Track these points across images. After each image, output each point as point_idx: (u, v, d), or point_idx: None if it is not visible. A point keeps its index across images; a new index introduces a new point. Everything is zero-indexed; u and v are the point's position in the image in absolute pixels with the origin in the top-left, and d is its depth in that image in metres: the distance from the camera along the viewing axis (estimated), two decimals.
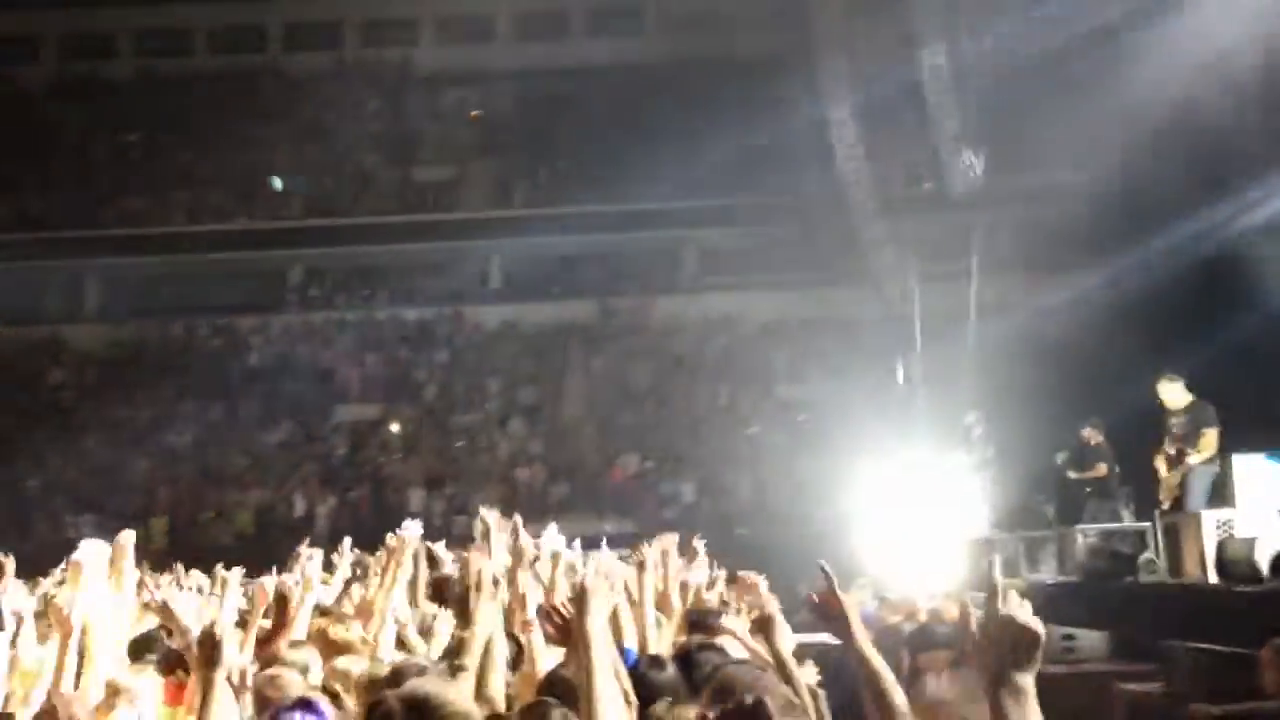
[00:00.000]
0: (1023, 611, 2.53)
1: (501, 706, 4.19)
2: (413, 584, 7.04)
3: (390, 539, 6.65)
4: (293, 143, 36.53)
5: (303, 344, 31.39)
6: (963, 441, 17.79)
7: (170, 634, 4.65)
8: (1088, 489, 14.94)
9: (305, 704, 4.21)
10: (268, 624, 5.24)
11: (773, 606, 4.70)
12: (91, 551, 5.25)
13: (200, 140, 36.31)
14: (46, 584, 8.15)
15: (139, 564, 7.13)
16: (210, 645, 3.69)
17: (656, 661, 4.51)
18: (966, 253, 21.86)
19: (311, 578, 5.72)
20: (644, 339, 31.07)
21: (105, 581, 5.36)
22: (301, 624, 5.36)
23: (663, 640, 5.51)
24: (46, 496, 26.36)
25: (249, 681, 4.25)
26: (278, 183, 35.09)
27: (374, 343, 31.28)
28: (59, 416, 29.13)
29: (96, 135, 36.85)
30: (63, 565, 6.50)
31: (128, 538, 6.37)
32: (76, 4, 40.31)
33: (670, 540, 6.47)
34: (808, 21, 24.60)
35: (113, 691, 4.42)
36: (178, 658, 4.46)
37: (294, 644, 5.11)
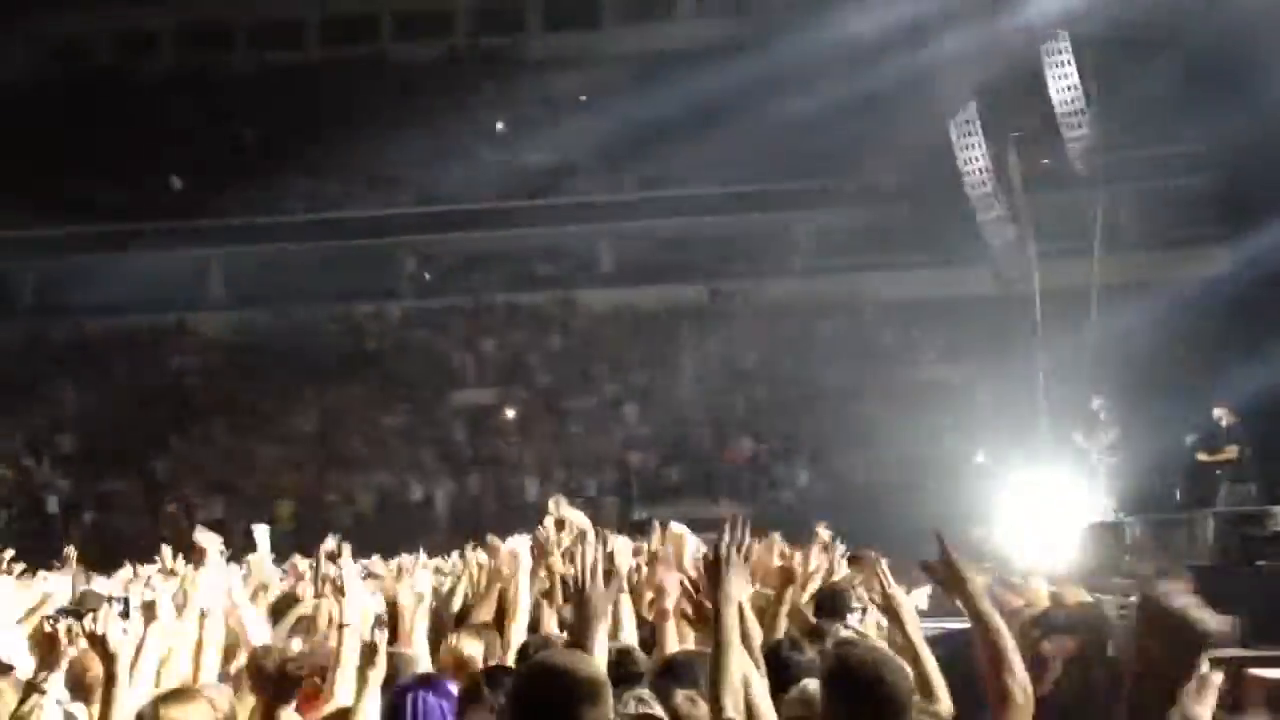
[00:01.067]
0: (1194, 608, 2.42)
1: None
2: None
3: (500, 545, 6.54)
4: (404, 130, 37.03)
5: (418, 330, 31.85)
6: (1087, 424, 17.37)
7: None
8: (1218, 471, 14.53)
9: (426, 681, 4.26)
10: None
11: (897, 590, 4.63)
12: (209, 539, 5.38)
13: (315, 130, 37.03)
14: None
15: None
16: (371, 652, 3.79)
17: (796, 644, 4.50)
18: (1088, 230, 21.29)
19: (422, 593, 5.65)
20: (756, 321, 30.88)
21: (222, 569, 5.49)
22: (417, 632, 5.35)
23: (778, 625, 5.47)
24: (175, 480, 27.16)
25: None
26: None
27: (487, 328, 31.59)
28: (185, 401, 29.99)
29: (215, 126, 37.78)
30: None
31: (263, 532, 6.53)
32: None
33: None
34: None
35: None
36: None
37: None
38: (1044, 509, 17.54)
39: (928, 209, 28.25)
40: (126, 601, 4.35)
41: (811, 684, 3.76)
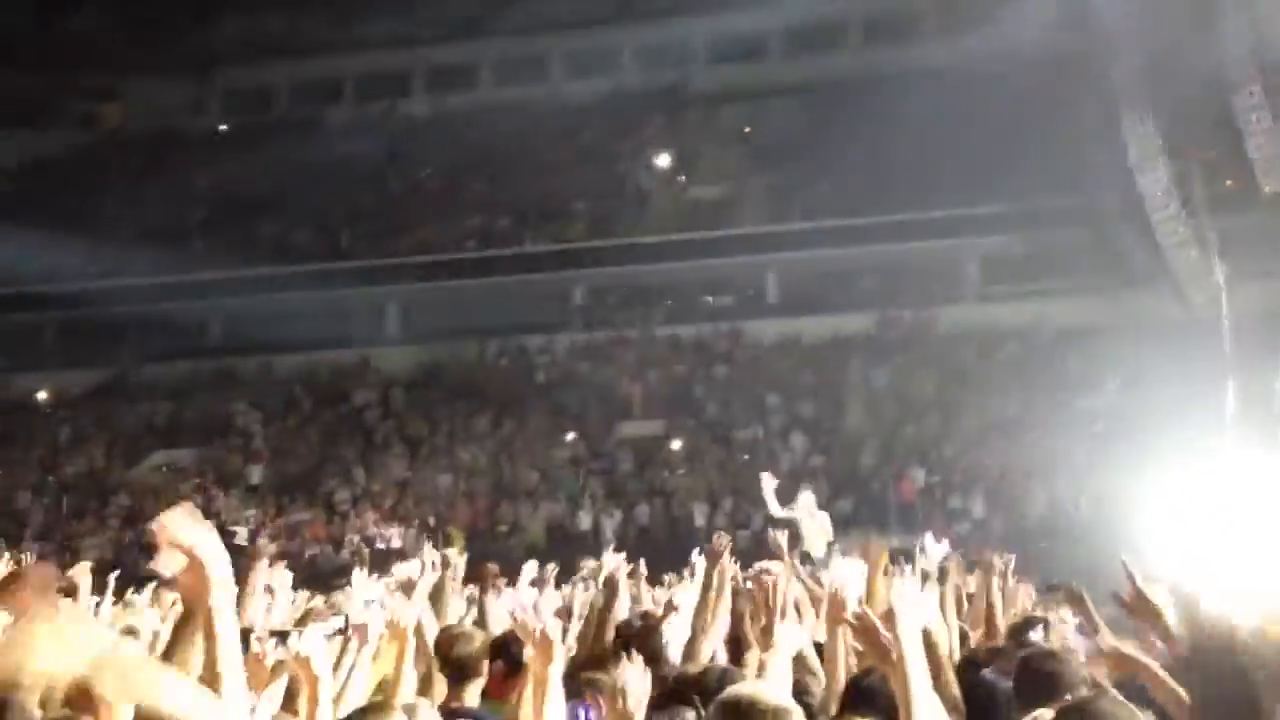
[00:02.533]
0: None
1: None
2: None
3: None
4: (574, 167, 37.70)
5: (586, 362, 32.22)
6: None
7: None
8: None
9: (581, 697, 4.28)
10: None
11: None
12: (411, 569, 5.46)
13: (487, 169, 38.01)
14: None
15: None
16: (548, 645, 3.82)
17: (1004, 670, 4.40)
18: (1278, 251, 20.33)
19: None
20: (926, 350, 30.32)
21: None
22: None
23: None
24: (357, 508, 27.98)
25: None
26: None
27: (655, 360, 31.77)
28: (365, 434, 30.93)
29: (393, 168, 39.11)
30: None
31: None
32: (373, 47, 42.98)
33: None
34: (1098, 18, 23.47)
35: None
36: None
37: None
38: (1239, 540, 16.66)
39: (1107, 231, 27.36)
40: (347, 620, 4.46)
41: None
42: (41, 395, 33.94)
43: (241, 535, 26.74)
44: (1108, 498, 24.45)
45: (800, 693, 3.96)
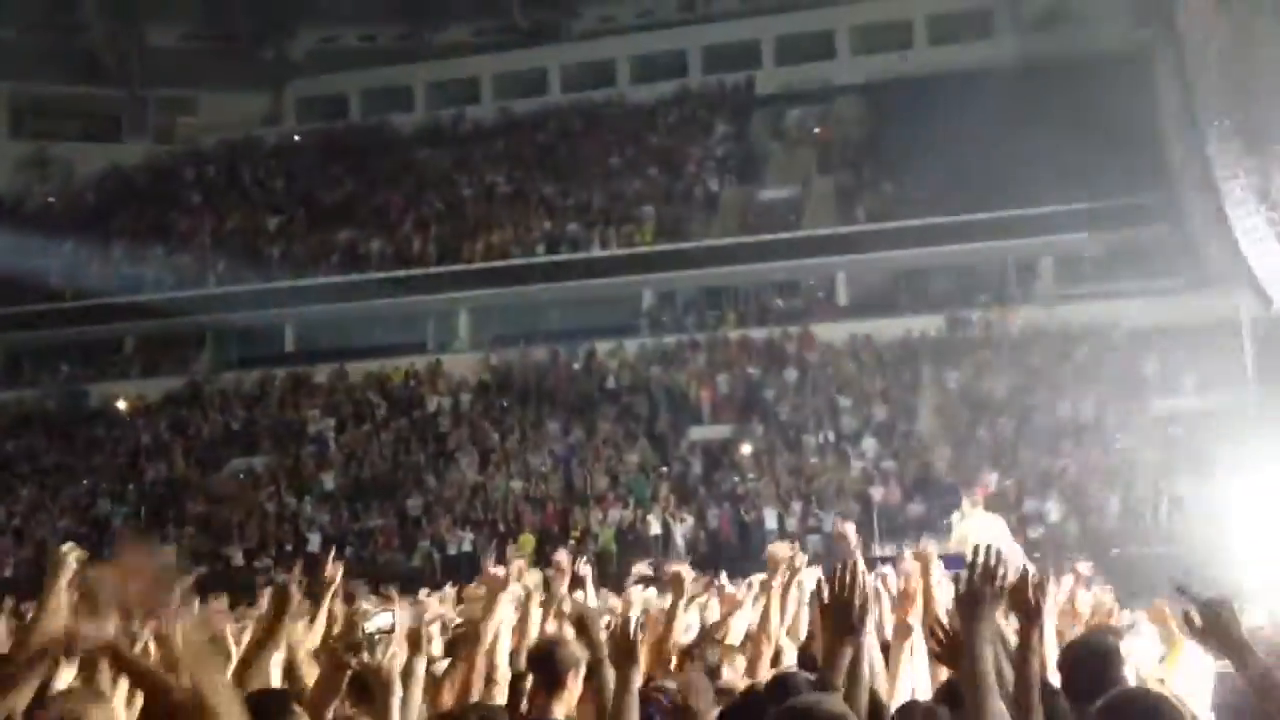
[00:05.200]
0: None
1: None
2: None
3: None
4: (642, 170, 37.75)
5: (656, 366, 32.22)
6: None
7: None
8: None
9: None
10: None
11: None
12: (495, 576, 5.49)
13: (555, 173, 38.20)
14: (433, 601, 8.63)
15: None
16: (628, 644, 3.84)
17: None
18: None
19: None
20: (999, 352, 29.94)
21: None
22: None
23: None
24: (429, 514, 28.22)
25: None
26: None
27: (724, 363, 31.70)
28: (437, 440, 31.18)
29: (463, 175, 39.42)
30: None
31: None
32: (443, 55, 43.39)
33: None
34: (1173, 13, 23.02)
35: None
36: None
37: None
38: None
39: (1183, 229, 26.84)
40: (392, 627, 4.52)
41: None
42: (121, 404, 34.64)
43: (314, 543, 27.11)
44: (1186, 502, 24.02)
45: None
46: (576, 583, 6.97)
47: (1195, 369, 27.31)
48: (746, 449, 28.45)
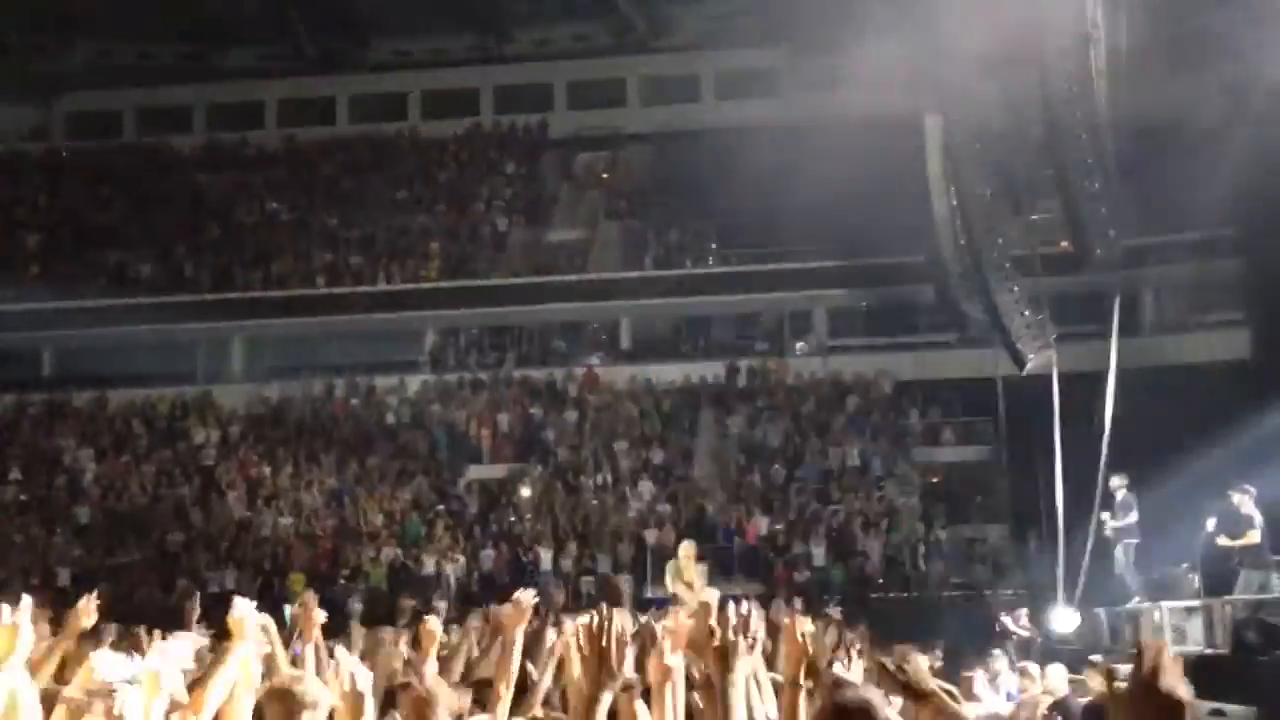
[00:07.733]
0: (1171, 678, 2.36)
1: None
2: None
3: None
4: (430, 206, 37.43)
5: (436, 404, 31.87)
6: (1107, 506, 17.22)
7: None
8: (1237, 558, 14.29)
9: None
10: None
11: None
12: (247, 609, 5.20)
13: (340, 205, 37.46)
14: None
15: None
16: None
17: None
18: (1106, 313, 21.25)
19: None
20: (774, 399, 30.83)
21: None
22: None
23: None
24: (189, 551, 27.08)
25: None
26: None
27: (505, 403, 31.60)
28: (202, 473, 29.98)
29: (243, 201, 38.24)
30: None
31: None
32: (226, 77, 42.10)
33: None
34: (937, 82, 24.27)
35: None
36: None
37: None
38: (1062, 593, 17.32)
39: (947, 289, 28.26)
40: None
41: None
42: None
43: (64, 577, 25.68)
44: (944, 549, 25.21)
45: None
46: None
47: (952, 422, 28.96)
48: (525, 489, 28.39)
